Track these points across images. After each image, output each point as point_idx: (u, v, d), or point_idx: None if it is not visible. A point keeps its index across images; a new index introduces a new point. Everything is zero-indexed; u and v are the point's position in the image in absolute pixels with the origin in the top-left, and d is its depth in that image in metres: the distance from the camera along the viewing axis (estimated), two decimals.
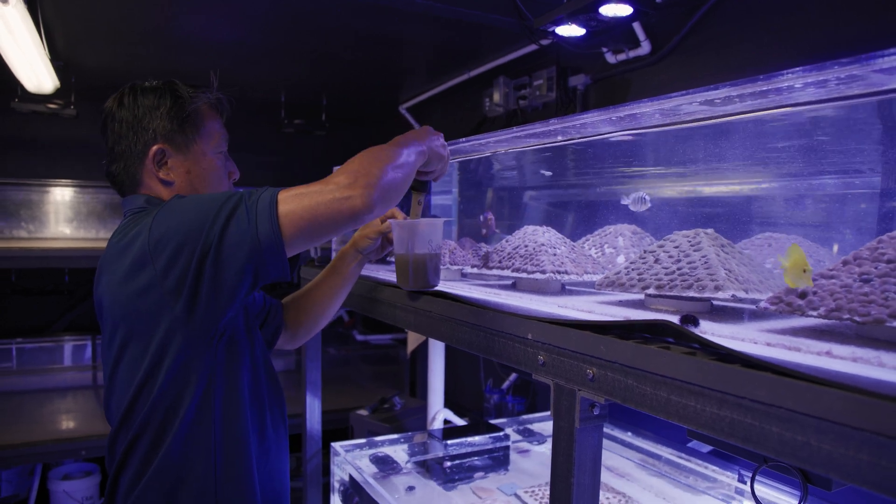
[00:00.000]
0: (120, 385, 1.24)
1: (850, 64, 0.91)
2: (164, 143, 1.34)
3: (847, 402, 0.63)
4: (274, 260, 1.14)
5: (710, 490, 1.92)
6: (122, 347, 1.22)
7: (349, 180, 1.15)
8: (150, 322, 1.17)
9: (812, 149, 1.43)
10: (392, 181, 1.21)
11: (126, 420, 1.24)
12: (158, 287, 1.15)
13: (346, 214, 1.15)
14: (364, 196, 1.14)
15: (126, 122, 1.34)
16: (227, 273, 1.14)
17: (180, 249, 1.13)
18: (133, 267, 1.16)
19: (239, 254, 1.13)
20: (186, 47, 3.38)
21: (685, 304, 1.16)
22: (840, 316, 0.87)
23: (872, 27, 1.79)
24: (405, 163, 1.26)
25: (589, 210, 2.07)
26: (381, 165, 1.20)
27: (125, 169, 1.36)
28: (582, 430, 1.00)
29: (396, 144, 1.28)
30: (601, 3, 2.10)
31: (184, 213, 1.17)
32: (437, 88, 4.08)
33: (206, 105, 1.41)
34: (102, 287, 1.25)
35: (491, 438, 2.16)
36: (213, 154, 1.41)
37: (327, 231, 1.19)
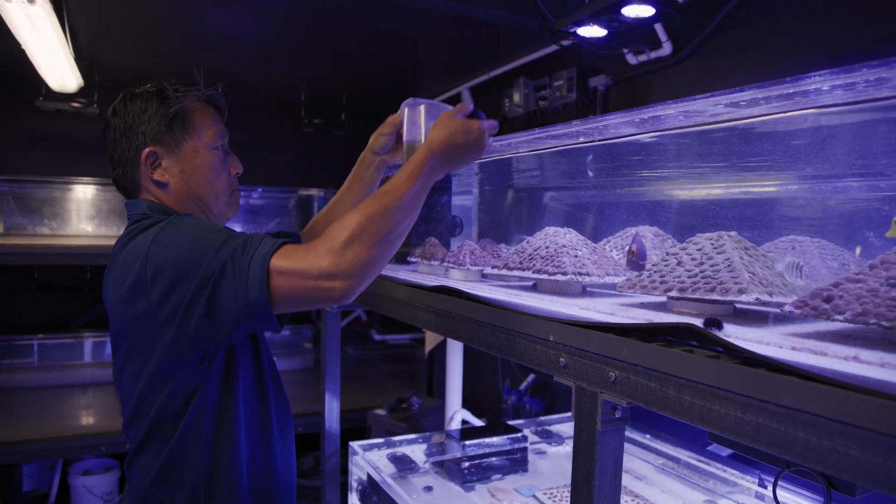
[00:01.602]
0: (124, 390, 1.29)
1: (879, 66, 0.90)
2: (154, 145, 1.34)
3: (875, 408, 0.62)
4: (263, 319, 1.16)
5: (730, 494, 1.90)
6: (125, 359, 1.26)
7: (333, 266, 1.14)
8: (146, 344, 1.21)
9: (837, 151, 1.42)
10: (382, 255, 1.20)
11: (130, 424, 1.30)
12: (154, 315, 1.17)
13: (324, 302, 1.19)
14: (344, 289, 1.15)
15: (119, 129, 1.35)
16: (219, 321, 1.16)
17: (174, 286, 1.15)
18: (132, 291, 1.19)
19: (230, 310, 1.14)
20: (208, 45, 3.41)
21: (708, 307, 1.15)
22: (867, 320, 0.86)
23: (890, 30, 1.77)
24: (404, 222, 1.24)
25: (610, 211, 2.07)
26: (371, 241, 1.17)
27: (124, 174, 1.38)
28: (604, 432, 1.00)
29: (403, 192, 1.25)
30: (624, 4, 2.09)
31: (180, 250, 1.17)
32: (456, 88, 4.09)
33: (194, 102, 1.39)
34: (108, 296, 1.28)
35: (509, 439, 2.15)
36: (206, 150, 1.39)
37: (309, 308, 1.24)
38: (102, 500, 3.64)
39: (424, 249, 2.07)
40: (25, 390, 4.14)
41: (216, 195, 1.41)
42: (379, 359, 5.01)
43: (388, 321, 4.88)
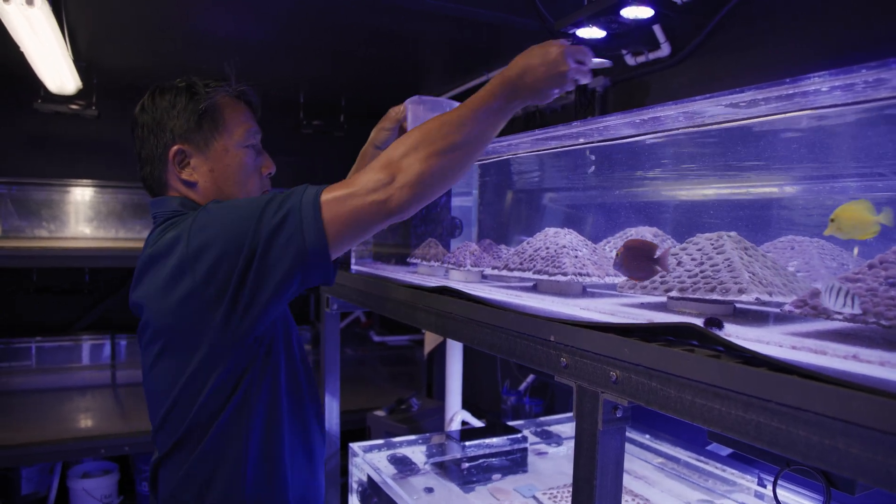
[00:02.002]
0: (156, 390, 1.22)
1: (878, 67, 0.91)
2: (183, 143, 1.29)
3: (876, 406, 0.63)
4: (320, 266, 1.11)
5: (729, 493, 1.91)
6: (159, 354, 1.20)
7: (386, 177, 1.10)
8: (191, 332, 1.14)
9: (836, 152, 1.42)
10: (440, 167, 1.12)
11: (164, 424, 1.23)
12: (199, 297, 1.11)
13: (382, 217, 1.12)
14: (401, 200, 1.09)
15: (147, 126, 1.31)
16: (271, 282, 1.11)
17: (221, 259, 1.10)
18: (172, 276, 1.13)
19: (284, 262, 1.10)
20: (208, 45, 3.41)
21: (708, 307, 1.15)
22: (866, 319, 0.87)
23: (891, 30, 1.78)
24: (466, 136, 1.14)
25: (610, 212, 2.07)
26: (427, 152, 1.11)
27: (151, 173, 1.33)
28: (605, 432, 1.00)
29: (468, 110, 1.17)
30: (623, 6, 2.10)
31: (223, 220, 1.13)
32: (456, 89, 4.09)
33: (225, 98, 1.34)
34: (140, 293, 1.22)
35: (509, 440, 2.16)
36: (237, 149, 1.33)
37: (367, 232, 1.17)
38: (101, 502, 3.64)
39: (424, 250, 2.08)
40: (24, 393, 4.13)
41: (247, 196, 1.34)
42: (378, 360, 5.01)
43: (388, 322, 4.88)
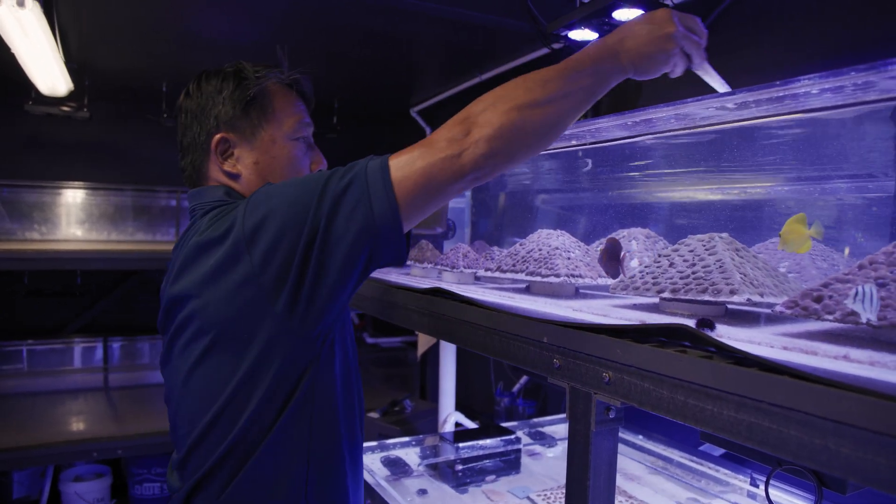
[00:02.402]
0: (197, 397, 1.08)
1: (867, 70, 0.92)
2: (227, 131, 1.19)
3: (865, 406, 0.63)
4: (390, 238, 0.99)
5: (722, 494, 1.91)
6: (205, 352, 1.05)
7: (460, 132, 0.98)
8: (246, 325, 1.01)
9: (827, 153, 1.43)
10: (521, 123, 0.99)
11: (204, 439, 1.07)
12: (255, 283, 0.98)
13: (456, 176, 0.98)
14: (475, 157, 0.97)
15: (191, 112, 1.21)
16: (337, 259, 0.98)
17: (281, 237, 0.97)
18: (225, 261, 1.00)
19: (350, 234, 0.97)
20: (201, 47, 3.40)
21: (700, 308, 1.16)
22: (856, 320, 0.87)
23: (887, 30, 1.79)
24: (552, 94, 1.01)
25: (603, 213, 2.08)
26: (506, 107, 0.99)
27: (192, 163, 1.23)
28: (598, 433, 1.01)
29: (556, 68, 1.04)
30: (614, 8, 2.11)
31: (282, 196, 1.01)
32: (448, 91, 4.09)
33: (276, 86, 1.24)
34: (183, 285, 1.07)
35: (502, 441, 2.16)
36: (286, 141, 1.22)
37: (441, 196, 1.02)
38: None
39: (417, 252, 2.08)
40: (16, 396, 4.11)
41: None
42: (371, 362, 5.01)
43: (381, 324, 4.88)
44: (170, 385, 1.15)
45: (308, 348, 1.05)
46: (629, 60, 1.05)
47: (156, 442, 3.44)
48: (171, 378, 1.14)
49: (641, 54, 1.05)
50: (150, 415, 3.76)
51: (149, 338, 4.58)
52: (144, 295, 4.80)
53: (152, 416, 3.71)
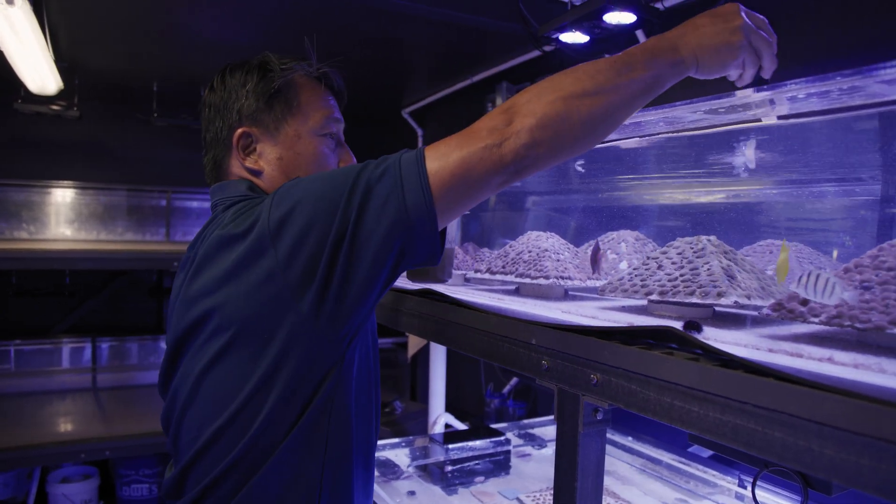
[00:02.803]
0: (210, 400, 1.00)
1: (853, 75, 0.93)
2: (250, 125, 1.13)
3: (849, 408, 0.64)
4: (424, 233, 0.92)
5: (710, 495, 1.92)
6: (221, 352, 0.97)
7: (502, 121, 0.91)
8: (268, 323, 0.94)
9: (814, 157, 1.44)
10: (566, 114, 0.91)
11: (212, 445, 0.99)
12: (280, 279, 0.92)
13: (495, 168, 0.91)
14: (513, 145, 0.90)
15: (214, 107, 1.15)
16: (368, 253, 0.91)
17: (308, 231, 0.91)
18: (248, 256, 0.94)
19: (381, 226, 0.90)
20: (193, 48, 3.40)
21: (688, 311, 1.17)
22: (841, 323, 0.88)
23: (875, 34, 1.81)
24: (602, 85, 0.93)
25: (592, 216, 2.09)
26: (551, 97, 0.92)
27: (213, 159, 1.17)
28: (585, 434, 1.01)
29: (608, 60, 0.97)
30: (605, 11, 2.12)
31: (312, 187, 0.94)
32: (439, 93, 4.10)
33: (302, 77, 1.17)
34: (202, 282, 0.99)
35: (492, 443, 2.16)
36: (312, 136, 1.15)
37: (479, 190, 0.95)
38: None
39: None
40: (3, 397, 4.08)
41: None
42: None
43: None
44: (175, 392, 1.06)
45: (333, 350, 0.98)
46: (690, 52, 0.97)
47: (144, 443, 3.42)
48: (179, 384, 1.05)
49: (704, 46, 0.97)
50: (139, 415, 3.74)
51: (137, 338, 4.55)
52: (134, 295, 4.77)
53: (140, 417, 3.70)
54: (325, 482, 1.03)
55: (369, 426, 1.15)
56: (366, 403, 1.13)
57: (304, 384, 0.97)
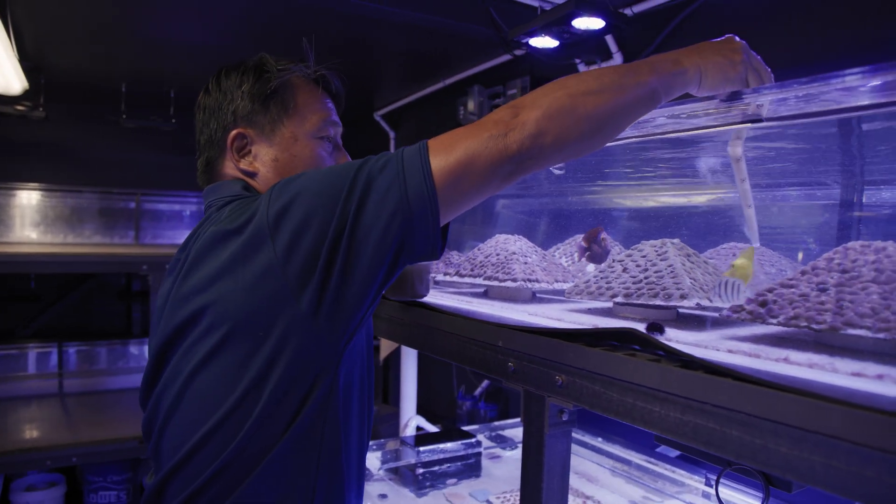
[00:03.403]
0: (197, 405, 0.95)
1: (810, 83, 0.95)
2: (245, 126, 1.11)
3: (801, 407, 0.65)
4: (425, 226, 0.90)
5: (678, 494, 1.95)
6: (214, 351, 0.93)
7: (509, 114, 0.91)
8: (265, 319, 0.90)
9: (777, 162, 1.47)
10: (569, 108, 0.92)
11: (198, 451, 0.95)
12: (278, 274, 0.89)
13: (500, 159, 0.90)
14: (518, 136, 0.89)
15: (209, 109, 1.13)
16: (368, 247, 0.89)
17: (307, 225, 0.88)
18: (245, 250, 0.91)
19: (381, 218, 0.88)
20: (162, 49, 3.36)
21: (652, 313, 1.18)
22: (798, 324, 0.90)
23: (847, 40, 1.85)
24: (603, 90, 0.95)
25: (560, 219, 2.11)
26: (558, 94, 0.93)
27: (207, 160, 1.15)
28: (551, 435, 1.02)
29: (613, 67, 1.00)
30: (574, 17, 2.14)
31: (311, 182, 0.92)
32: (411, 96, 4.11)
33: (299, 79, 1.15)
34: (196, 279, 0.96)
35: (463, 445, 2.17)
36: (308, 139, 1.13)
37: (483, 183, 0.93)
38: None
39: None
40: None
41: None
42: None
43: None
44: (159, 397, 1.01)
45: (329, 350, 0.95)
46: (693, 65, 1.02)
47: (112, 449, 3.37)
48: (164, 389, 1.00)
49: (707, 60, 1.03)
50: (107, 421, 3.69)
51: (106, 343, 4.48)
52: (102, 299, 4.70)
53: (109, 423, 3.64)
54: (319, 490, 0.99)
55: (363, 426, 1.13)
56: (359, 410, 1.09)
57: (297, 385, 0.94)
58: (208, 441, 0.93)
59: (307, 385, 0.94)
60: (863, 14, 1.81)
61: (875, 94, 0.98)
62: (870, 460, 0.60)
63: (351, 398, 1.04)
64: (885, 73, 0.91)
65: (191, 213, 4.88)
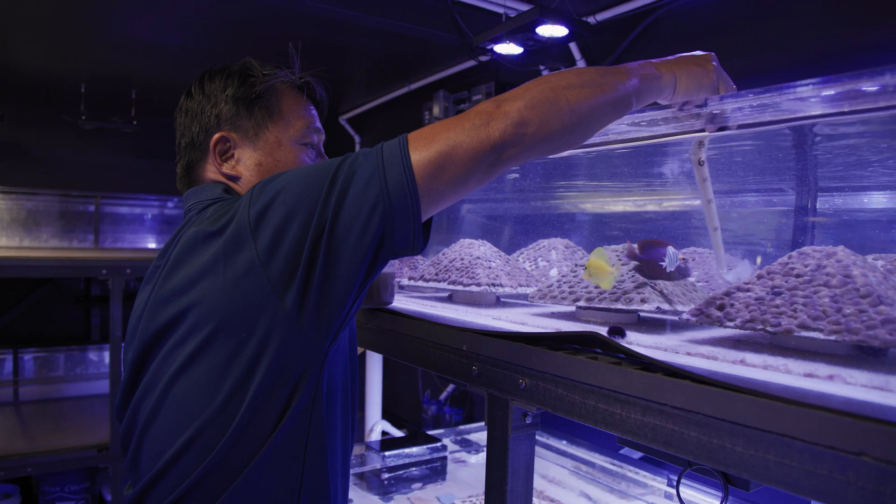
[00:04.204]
0: (178, 410, 0.93)
1: (764, 93, 0.98)
2: (229, 130, 1.10)
3: (756, 407, 0.67)
4: (406, 218, 0.89)
5: (642, 496, 1.98)
6: (196, 353, 0.91)
7: (491, 105, 0.91)
8: (248, 318, 0.89)
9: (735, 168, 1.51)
10: (550, 98, 0.93)
11: (179, 459, 0.92)
12: (261, 273, 0.87)
13: (483, 149, 0.89)
14: (501, 124, 0.89)
15: (191, 113, 1.12)
16: (349, 242, 0.88)
17: (290, 219, 0.87)
18: (226, 250, 0.89)
19: (363, 211, 0.87)
20: (123, 49, 3.31)
21: (613, 316, 1.20)
22: (754, 326, 0.93)
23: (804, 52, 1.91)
24: (583, 84, 0.96)
25: (524, 223, 2.13)
26: (540, 87, 0.94)
27: (187, 165, 1.13)
28: (515, 438, 1.03)
29: (592, 67, 1.03)
30: (538, 24, 2.17)
31: (292, 181, 0.91)
32: (376, 100, 4.10)
33: (283, 85, 1.15)
34: (177, 281, 0.94)
35: (428, 449, 2.17)
36: (292, 145, 1.13)
37: (465, 174, 0.91)
38: None
39: None
40: None
41: None
42: None
43: None
44: (137, 405, 0.99)
45: (314, 350, 0.93)
46: (668, 71, 1.05)
47: (70, 458, 3.30)
48: (142, 397, 0.98)
49: (682, 67, 1.07)
50: (64, 429, 3.60)
51: (64, 349, 4.39)
52: (60, 304, 4.60)
53: (66, 431, 3.56)
54: (304, 496, 0.98)
55: (347, 436, 1.11)
56: (343, 415, 1.08)
57: (280, 388, 0.91)
58: (189, 448, 0.91)
59: (290, 388, 0.92)
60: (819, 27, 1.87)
61: (826, 104, 1.02)
62: (821, 458, 0.62)
63: (335, 403, 1.03)
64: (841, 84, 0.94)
65: (152, 217, 4.81)
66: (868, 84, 0.91)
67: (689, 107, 1.13)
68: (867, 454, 0.58)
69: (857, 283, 0.88)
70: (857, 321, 0.84)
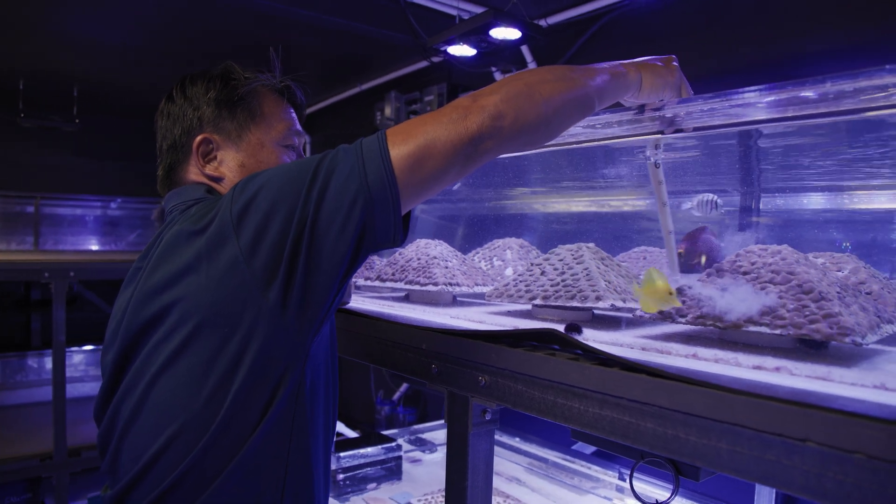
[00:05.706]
0: (159, 409, 0.92)
1: (712, 98, 1.02)
2: (211, 131, 1.11)
3: (708, 398, 0.70)
4: (386, 211, 0.90)
5: (594, 490, 2.02)
6: (179, 350, 0.91)
7: (468, 100, 0.94)
8: (231, 314, 0.89)
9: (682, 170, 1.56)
10: (525, 91, 0.96)
11: (160, 458, 0.91)
12: (244, 269, 0.88)
13: (461, 142, 0.91)
14: (478, 117, 0.92)
15: (173, 116, 1.14)
16: (330, 236, 0.89)
17: (272, 215, 0.88)
18: (209, 247, 0.90)
19: (343, 206, 0.88)
20: (64, 45, 3.22)
21: (569, 314, 1.23)
22: (704, 322, 0.96)
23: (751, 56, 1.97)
24: (559, 78, 1.00)
25: (479, 223, 2.15)
26: (515, 81, 0.97)
27: (169, 167, 1.14)
28: (475, 434, 1.05)
29: (566, 65, 1.05)
30: (491, 27, 2.20)
31: (273, 177, 0.92)
32: (327, 100, 4.08)
33: (265, 88, 1.17)
34: (158, 277, 0.94)
35: (383, 449, 2.17)
36: (275, 147, 1.14)
37: (443, 168, 0.93)
38: None
39: None
40: None
41: None
42: None
43: None
44: (117, 406, 0.98)
45: (298, 344, 0.94)
46: (634, 70, 1.11)
47: (10, 468, 3.18)
48: (122, 397, 0.97)
49: (647, 67, 1.13)
50: (4, 438, 3.48)
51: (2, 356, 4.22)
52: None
53: (7, 440, 3.44)
54: (288, 494, 0.98)
55: (329, 433, 1.12)
56: (325, 412, 1.09)
57: (263, 384, 0.92)
58: (171, 446, 0.90)
59: (274, 383, 0.93)
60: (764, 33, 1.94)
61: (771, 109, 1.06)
62: (769, 445, 0.65)
63: (317, 399, 1.04)
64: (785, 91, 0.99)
65: (94, 218, 4.68)
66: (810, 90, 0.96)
67: (648, 108, 1.17)
68: (811, 440, 0.62)
69: (801, 280, 0.92)
70: (800, 316, 0.88)
